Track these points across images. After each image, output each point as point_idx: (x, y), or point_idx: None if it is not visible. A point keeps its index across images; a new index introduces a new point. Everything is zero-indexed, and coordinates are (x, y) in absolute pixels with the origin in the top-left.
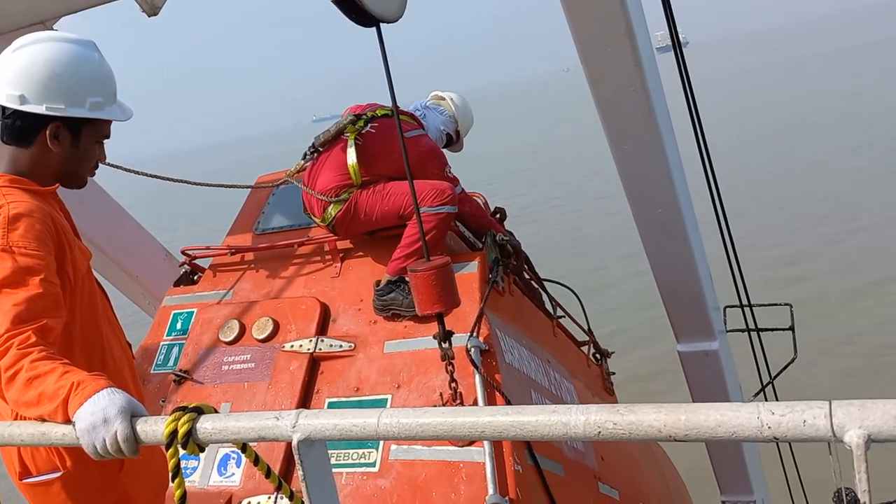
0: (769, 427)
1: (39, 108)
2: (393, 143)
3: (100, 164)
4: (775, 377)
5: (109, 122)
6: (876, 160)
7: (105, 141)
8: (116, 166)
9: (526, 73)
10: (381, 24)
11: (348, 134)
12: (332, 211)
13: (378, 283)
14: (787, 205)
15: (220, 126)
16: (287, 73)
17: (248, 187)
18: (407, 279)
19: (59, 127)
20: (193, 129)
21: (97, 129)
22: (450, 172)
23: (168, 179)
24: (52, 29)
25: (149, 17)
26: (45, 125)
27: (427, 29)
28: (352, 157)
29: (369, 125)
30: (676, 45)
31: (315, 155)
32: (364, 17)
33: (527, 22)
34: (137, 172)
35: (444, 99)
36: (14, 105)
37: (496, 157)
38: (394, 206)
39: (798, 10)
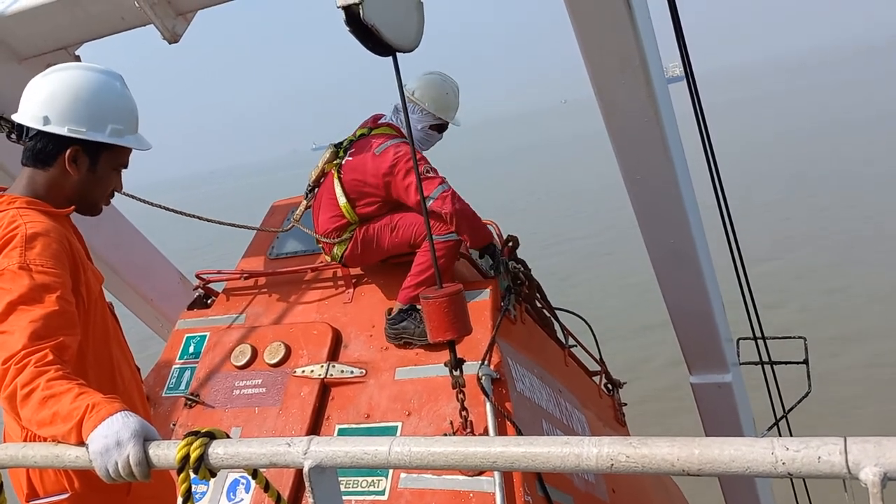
0: (783, 463)
1: (61, 130)
2: (366, 163)
3: (115, 193)
4: (789, 411)
5: (128, 151)
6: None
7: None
8: (135, 197)
9: (524, 105)
10: (398, 54)
11: (332, 170)
12: (339, 251)
13: (390, 311)
14: (799, 234)
15: (215, 154)
16: (283, 100)
17: (253, 229)
18: (418, 307)
19: (77, 151)
20: (187, 157)
21: (115, 157)
22: (429, 172)
23: (186, 215)
24: (74, 55)
25: (170, 44)
26: (65, 148)
27: (422, 62)
28: (342, 197)
29: (348, 154)
30: (690, 77)
31: (313, 193)
32: (381, 47)
33: (524, 54)
34: (155, 204)
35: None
36: (38, 126)
37: (504, 186)
38: (404, 238)
39: (776, 49)
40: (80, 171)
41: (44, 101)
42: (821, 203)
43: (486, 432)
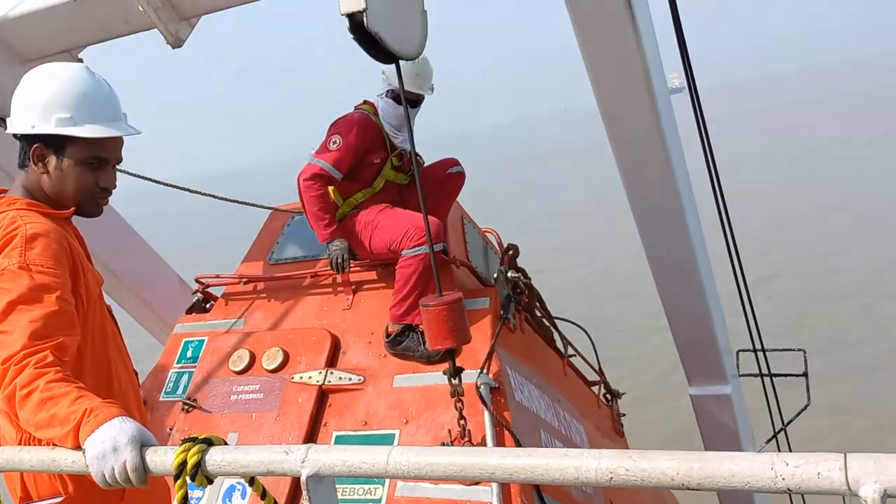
0: (783, 478)
1: (15, 129)
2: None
3: (112, 191)
4: (787, 424)
5: (99, 142)
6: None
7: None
8: (150, 179)
9: (523, 113)
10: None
11: None
12: None
13: (388, 332)
14: (801, 247)
15: (216, 156)
16: (286, 101)
17: (269, 209)
18: (414, 325)
19: (40, 147)
20: (187, 158)
21: (81, 149)
22: (332, 146)
23: (203, 195)
24: (77, 58)
25: (173, 48)
26: (31, 147)
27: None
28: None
29: None
30: (693, 89)
31: None
32: (384, 54)
33: (523, 63)
34: (168, 185)
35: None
36: (5, 129)
37: (505, 192)
38: (383, 241)
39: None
40: (47, 168)
41: (9, 104)
42: (825, 217)
43: (483, 441)
